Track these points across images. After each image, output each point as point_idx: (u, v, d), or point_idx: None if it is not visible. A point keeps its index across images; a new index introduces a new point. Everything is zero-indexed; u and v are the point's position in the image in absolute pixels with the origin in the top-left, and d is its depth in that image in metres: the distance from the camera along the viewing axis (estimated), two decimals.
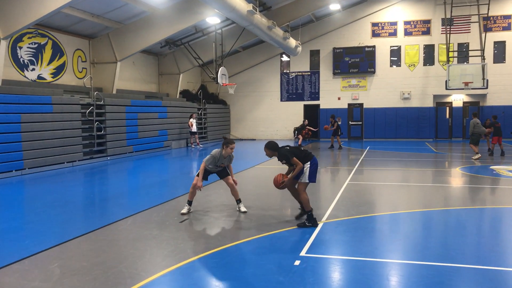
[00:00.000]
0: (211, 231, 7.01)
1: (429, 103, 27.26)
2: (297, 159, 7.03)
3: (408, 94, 27.34)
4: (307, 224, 7.01)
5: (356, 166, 14.88)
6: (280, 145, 7.36)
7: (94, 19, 17.47)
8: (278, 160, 7.30)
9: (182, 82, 25.77)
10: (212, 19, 20.63)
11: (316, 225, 7.01)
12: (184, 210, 8.04)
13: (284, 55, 29.18)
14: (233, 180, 8.19)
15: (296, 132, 23.90)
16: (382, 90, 27.75)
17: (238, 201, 8.27)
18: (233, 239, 6.39)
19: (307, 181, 7.15)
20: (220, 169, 8.22)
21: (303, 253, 5.69)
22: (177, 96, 25.16)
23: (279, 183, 7.37)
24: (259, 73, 29.78)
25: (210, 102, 28.19)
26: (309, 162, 7.17)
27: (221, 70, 23.38)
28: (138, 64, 22.81)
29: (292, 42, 23.87)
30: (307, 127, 23.50)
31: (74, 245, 6.23)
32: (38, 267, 5.30)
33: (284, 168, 7.78)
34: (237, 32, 23.62)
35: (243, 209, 8.16)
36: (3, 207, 9.49)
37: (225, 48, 24.30)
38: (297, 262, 5.34)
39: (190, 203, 8.13)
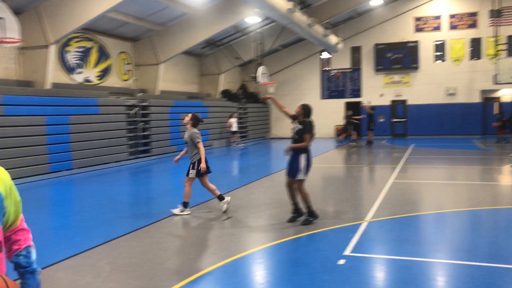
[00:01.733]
0: (254, 230, 7.04)
1: (476, 98, 26.33)
2: (310, 138, 7.04)
3: (454, 89, 26.51)
4: (310, 219, 7.09)
5: (400, 164, 14.58)
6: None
7: (137, 22, 17.90)
8: (296, 122, 7.17)
9: (223, 82, 26.03)
10: (252, 19, 20.71)
11: (317, 217, 7.16)
12: (176, 210, 7.95)
13: (324, 52, 28.93)
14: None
15: (347, 127, 23.42)
16: (426, 86, 27.03)
17: (219, 198, 8.04)
18: (276, 238, 6.39)
19: (305, 177, 7.13)
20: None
21: (347, 252, 5.64)
22: (218, 96, 25.42)
23: None
24: (299, 71, 29.66)
25: (251, 102, 28.32)
26: (306, 155, 7.10)
27: (261, 69, 23.43)
28: (180, 66, 23.20)
29: (333, 39, 23.63)
30: (353, 117, 23.30)
31: (122, 242, 6.41)
32: (89, 263, 5.49)
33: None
34: (276, 30, 23.61)
35: (223, 208, 8.00)
36: (55, 205, 9.90)
37: (265, 47, 24.34)
38: (341, 261, 5.29)
39: (185, 204, 7.99)
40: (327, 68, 29.21)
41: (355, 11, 26.78)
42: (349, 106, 28.52)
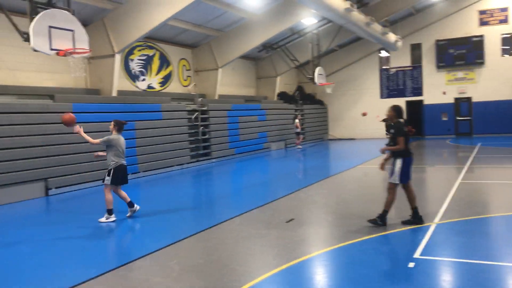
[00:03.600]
0: (318, 232, 6.99)
1: None
2: (403, 141, 6.80)
3: None
4: (378, 222, 6.88)
5: (467, 164, 13.97)
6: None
7: (196, 29, 18.33)
8: (388, 128, 7.07)
9: (280, 84, 26.06)
10: (308, 20, 20.63)
11: (385, 224, 6.86)
12: (103, 219, 8.26)
13: (383, 51, 28.28)
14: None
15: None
16: (493, 82, 25.73)
17: (129, 204, 8.57)
18: (342, 240, 6.31)
19: (397, 182, 6.86)
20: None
21: (417, 255, 5.47)
22: (275, 99, 25.50)
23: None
24: (357, 71, 29.18)
25: (307, 103, 28.17)
26: (402, 159, 6.84)
27: (318, 70, 23.29)
28: (237, 70, 23.49)
29: (392, 37, 23.07)
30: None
31: (189, 244, 6.58)
32: (159, 264, 5.67)
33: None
34: (333, 31, 23.37)
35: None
36: (124, 209, 10.31)
37: (322, 48, 24.14)
38: (411, 264, 5.15)
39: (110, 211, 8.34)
40: (386, 67, 28.53)
41: (414, 8, 26.00)
42: (409, 104, 27.72)
